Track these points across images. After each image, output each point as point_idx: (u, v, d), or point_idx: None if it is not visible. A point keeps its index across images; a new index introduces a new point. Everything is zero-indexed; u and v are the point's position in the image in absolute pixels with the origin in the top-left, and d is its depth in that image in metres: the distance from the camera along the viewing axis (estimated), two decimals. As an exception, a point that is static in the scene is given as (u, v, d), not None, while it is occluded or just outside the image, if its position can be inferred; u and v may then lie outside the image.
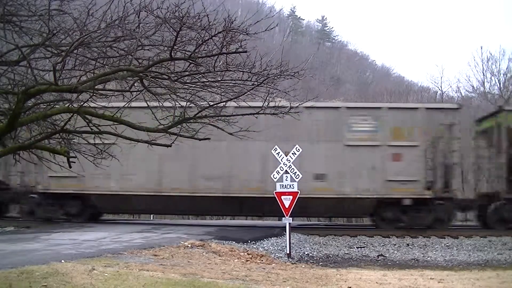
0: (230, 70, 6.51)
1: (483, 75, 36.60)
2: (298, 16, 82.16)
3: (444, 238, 16.92)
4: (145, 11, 6.23)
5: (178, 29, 5.91)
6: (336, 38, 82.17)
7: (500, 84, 36.28)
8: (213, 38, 6.05)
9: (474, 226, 20.22)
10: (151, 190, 18.14)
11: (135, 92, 6.92)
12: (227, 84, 6.88)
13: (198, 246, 12.11)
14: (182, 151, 15.42)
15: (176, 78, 6.40)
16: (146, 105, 7.27)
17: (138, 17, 6.24)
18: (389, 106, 19.13)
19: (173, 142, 7.19)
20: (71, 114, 6.69)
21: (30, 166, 16.39)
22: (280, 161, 13.95)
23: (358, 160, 17.63)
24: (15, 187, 18.60)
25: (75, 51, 6.28)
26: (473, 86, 38.77)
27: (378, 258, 14.75)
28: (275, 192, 13.79)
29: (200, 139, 7.33)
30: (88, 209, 18.87)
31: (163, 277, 7.75)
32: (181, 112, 7.00)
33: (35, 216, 18.52)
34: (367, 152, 17.70)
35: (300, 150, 14.02)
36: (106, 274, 7.52)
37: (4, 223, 18.05)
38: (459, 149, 17.81)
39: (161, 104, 7.17)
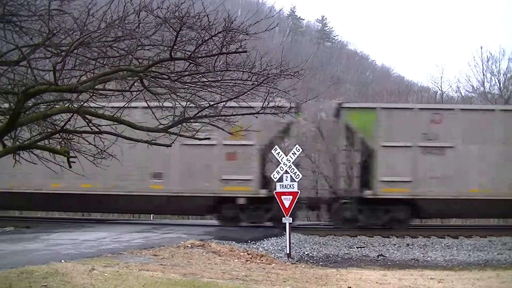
0: (230, 70, 6.51)
1: (483, 75, 36.50)
2: (298, 16, 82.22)
3: (444, 238, 16.91)
4: (145, 11, 6.22)
5: (178, 29, 5.90)
6: (336, 38, 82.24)
7: (500, 84, 36.18)
8: (213, 38, 6.05)
9: (474, 226, 20.19)
10: None
11: (135, 92, 6.92)
12: (227, 84, 6.88)
13: (198, 246, 12.10)
14: None
15: (176, 78, 6.40)
16: (146, 105, 7.27)
17: (138, 17, 6.24)
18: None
19: (173, 142, 7.19)
20: (71, 114, 6.69)
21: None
22: (280, 161, 13.91)
23: None
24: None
25: (75, 51, 6.28)
26: (473, 86, 38.64)
27: (378, 258, 14.75)
28: (275, 192, 13.76)
29: (200, 139, 7.32)
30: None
31: (163, 277, 7.74)
32: (181, 112, 6.99)
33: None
34: None
35: (300, 150, 14.00)
36: (106, 274, 7.51)
37: (4, 223, 18.02)
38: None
39: (161, 104, 7.16)
